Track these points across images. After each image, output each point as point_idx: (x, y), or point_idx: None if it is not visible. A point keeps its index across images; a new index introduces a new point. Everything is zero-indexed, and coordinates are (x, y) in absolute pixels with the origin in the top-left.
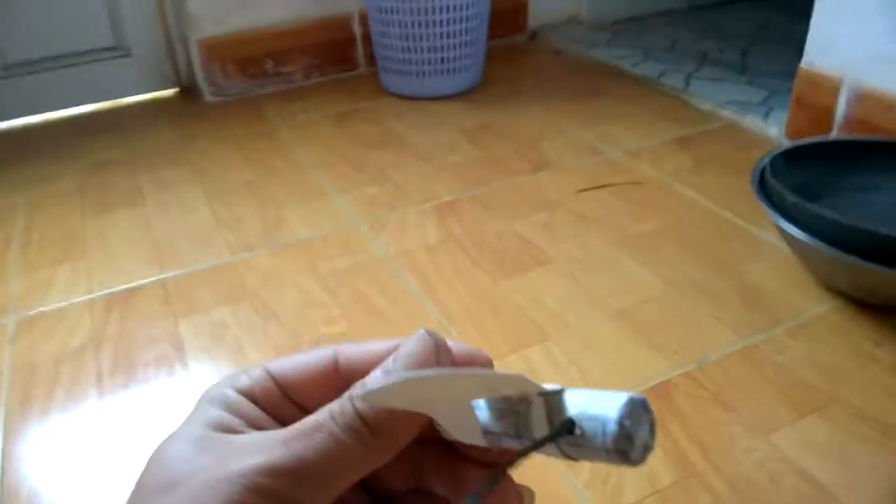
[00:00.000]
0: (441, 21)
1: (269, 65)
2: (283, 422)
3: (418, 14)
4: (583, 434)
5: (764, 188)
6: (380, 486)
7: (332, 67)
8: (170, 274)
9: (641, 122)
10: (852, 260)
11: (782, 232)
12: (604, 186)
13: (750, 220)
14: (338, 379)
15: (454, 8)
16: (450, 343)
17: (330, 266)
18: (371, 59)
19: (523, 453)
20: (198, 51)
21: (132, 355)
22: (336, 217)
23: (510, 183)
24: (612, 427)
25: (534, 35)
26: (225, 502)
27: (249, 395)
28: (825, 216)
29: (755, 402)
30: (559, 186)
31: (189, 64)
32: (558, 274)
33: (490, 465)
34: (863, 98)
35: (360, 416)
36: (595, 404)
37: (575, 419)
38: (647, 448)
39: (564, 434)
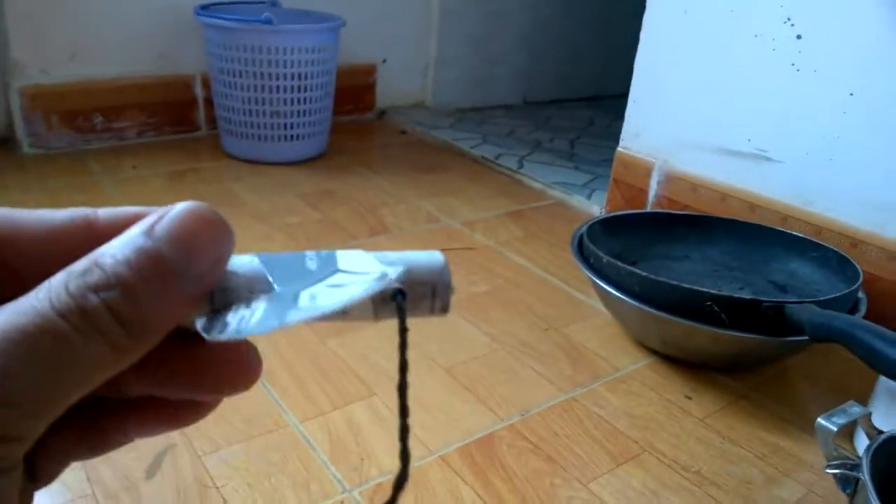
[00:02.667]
0: (284, 87)
1: (99, 119)
2: None
3: (262, 78)
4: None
5: (582, 252)
6: (109, 389)
7: (169, 127)
8: None
9: (478, 197)
10: (660, 315)
11: (599, 291)
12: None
13: (574, 285)
14: (93, 238)
15: (298, 76)
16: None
17: None
18: (213, 122)
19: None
20: (19, 99)
21: None
22: None
23: (346, 245)
24: (442, 289)
25: (382, 114)
26: None
27: None
28: (636, 273)
29: (575, 452)
30: (395, 250)
31: (8, 112)
32: (387, 332)
33: (241, 361)
34: (671, 180)
35: (108, 307)
36: (415, 269)
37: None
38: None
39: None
